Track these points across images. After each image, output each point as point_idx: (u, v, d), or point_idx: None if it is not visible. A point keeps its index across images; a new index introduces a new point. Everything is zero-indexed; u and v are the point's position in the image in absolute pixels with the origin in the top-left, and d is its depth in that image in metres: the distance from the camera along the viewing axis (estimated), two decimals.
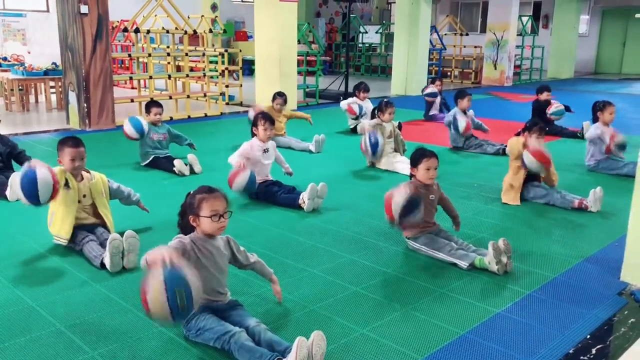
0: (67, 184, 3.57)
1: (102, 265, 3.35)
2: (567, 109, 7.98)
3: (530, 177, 4.84)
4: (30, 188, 3.33)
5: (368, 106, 7.80)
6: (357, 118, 7.73)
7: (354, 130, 7.85)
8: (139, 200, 4.04)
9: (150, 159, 5.77)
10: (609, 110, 5.79)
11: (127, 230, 3.43)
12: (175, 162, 5.54)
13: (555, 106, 7.66)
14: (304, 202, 4.49)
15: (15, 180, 3.41)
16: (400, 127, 7.48)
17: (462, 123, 6.69)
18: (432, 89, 9.02)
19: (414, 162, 3.73)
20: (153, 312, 2.27)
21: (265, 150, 4.82)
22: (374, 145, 5.71)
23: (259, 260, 2.90)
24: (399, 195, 3.40)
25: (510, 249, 3.42)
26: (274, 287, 2.97)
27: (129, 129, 5.63)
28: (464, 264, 3.43)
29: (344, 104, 7.88)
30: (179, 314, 2.30)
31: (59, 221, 3.59)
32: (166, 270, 2.25)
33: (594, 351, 2.61)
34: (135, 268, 3.37)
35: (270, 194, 4.70)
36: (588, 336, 2.73)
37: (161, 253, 2.30)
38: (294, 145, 6.82)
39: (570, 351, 2.60)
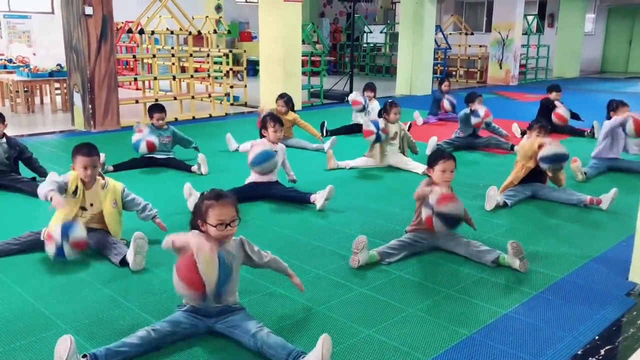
0: (75, 191, 3.56)
1: (122, 263, 3.36)
2: (577, 117, 7.95)
3: (536, 179, 4.81)
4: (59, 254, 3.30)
5: (374, 106, 7.77)
6: (362, 110, 7.73)
7: (355, 128, 7.81)
8: (156, 216, 3.84)
9: (146, 156, 5.81)
10: (622, 110, 5.76)
11: (136, 232, 3.42)
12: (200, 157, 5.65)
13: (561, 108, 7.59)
14: (317, 200, 4.50)
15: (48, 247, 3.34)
16: (410, 127, 7.46)
17: (481, 111, 6.64)
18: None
19: (431, 163, 3.70)
20: (203, 269, 2.35)
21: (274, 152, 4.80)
22: (376, 123, 5.75)
23: (273, 257, 2.87)
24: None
25: (522, 249, 3.41)
26: (293, 280, 2.93)
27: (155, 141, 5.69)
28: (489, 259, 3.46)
29: (351, 97, 7.93)
30: (225, 274, 2.40)
31: (54, 219, 3.55)
32: (219, 250, 2.41)
33: (602, 352, 2.59)
34: (142, 270, 3.36)
35: (276, 190, 4.73)
36: (596, 337, 2.71)
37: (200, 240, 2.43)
38: (308, 146, 6.82)
39: (579, 352, 2.58)
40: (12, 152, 5.03)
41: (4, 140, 5.02)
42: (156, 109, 5.94)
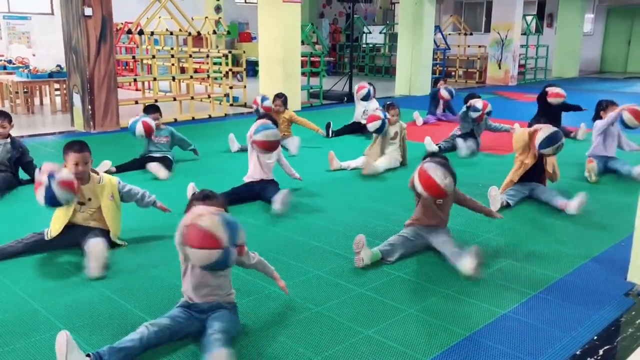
0: None
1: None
2: (579, 108, 7.95)
3: (534, 178, 4.82)
4: (52, 201, 3.33)
5: (373, 106, 7.78)
6: (367, 97, 7.75)
7: (357, 127, 7.83)
8: (156, 201, 3.90)
9: (145, 156, 5.83)
10: (612, 110, 5.76)
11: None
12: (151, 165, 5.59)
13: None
14: (275, 202, 4.43)
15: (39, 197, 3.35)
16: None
17: (478, 104, 6.65)
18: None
19: None
20: (208, 226, 2.27)
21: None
22: (384, 112, 5.81)
23: (260, 259, 2.88)
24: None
25: (482, 254, 3.36)
26: (278, 283, 2.95)
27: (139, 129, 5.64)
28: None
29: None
30: (232, 230, 2.33)
31: (54, 218, 3.62)
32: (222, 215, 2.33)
33: (601, 352, 2.60)
34: (139, 270, 3.37)
35: (268, 190, 4.69)
36: (595, 337, 2.71)
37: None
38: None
39: (577, 352, 2.58)
40: (14, 154, 5.05)
41: (8, 140, 5.06)
42: (151, 109, 5.94)
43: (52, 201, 3.33)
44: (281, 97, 7.00)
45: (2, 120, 5.02)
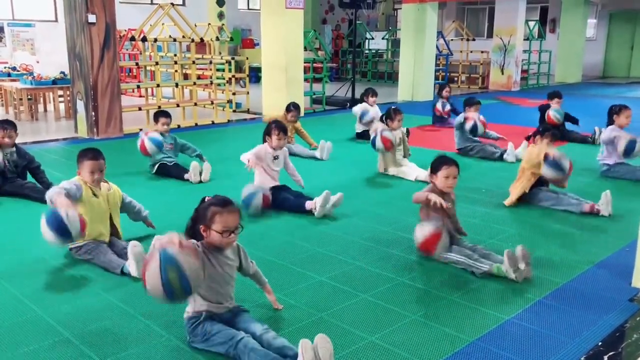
0: (94, 194, 3.60)
1: (123, 273, 3.39)
2: (574, 121, 7.91)
3: (539, 183, 4.81)
4: (60, 227, 3.22)
5: (376, 111, 7.79)
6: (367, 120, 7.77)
7: (359, 136, 7.85)
8: (147, 217, 4.01)
9: (157, 165, 5.81)
10: (625, 114, 5.73)
11: (132, 241, 3.45)
12: (192, 165, 5.63)
13: (554, 107, 7.59)
14: (315, 208, 4.49)
15: (43, 224, 3.27)
16: (408, 132, 7.47)
17: (480, 128, 6.70)
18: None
19: (434, 169, 3.70)
20: (150, 288, 2.33)
21: (275, 157, 4.83)
22: (373, 141, 5.86)
23: (257, 270, 2.91)
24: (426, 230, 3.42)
25: (529, 256, 3.38)
26: (269, 296, 2.98)
27: (149, 146, 5.65)
28: (481, 270, 3.41)
29: (357, 109, 7.94)
30: (173, 295, 2.33)
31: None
32: (162, 250, 2.30)
33: (605, 358, 2.58)
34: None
35: (279, 199, 4.69)
36: (600, 343, 2.70)
37: (172, 236, 2.36)
38: (301, 153, 6.83)
39: (582, 358, 2.57)
40: (21, 162, 5.11)
41: (14, 149, 5.11)
42: (162, 114, 5.98)
43: (61, 230, 3.21)
44: (297, 108, 7.06)
45: (10, 130, 5.07)
